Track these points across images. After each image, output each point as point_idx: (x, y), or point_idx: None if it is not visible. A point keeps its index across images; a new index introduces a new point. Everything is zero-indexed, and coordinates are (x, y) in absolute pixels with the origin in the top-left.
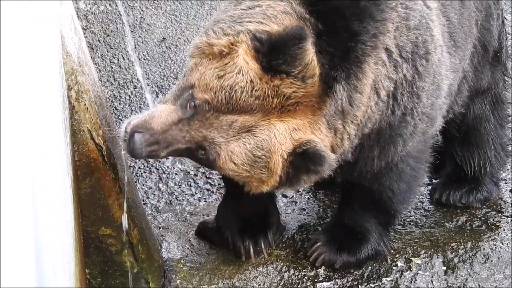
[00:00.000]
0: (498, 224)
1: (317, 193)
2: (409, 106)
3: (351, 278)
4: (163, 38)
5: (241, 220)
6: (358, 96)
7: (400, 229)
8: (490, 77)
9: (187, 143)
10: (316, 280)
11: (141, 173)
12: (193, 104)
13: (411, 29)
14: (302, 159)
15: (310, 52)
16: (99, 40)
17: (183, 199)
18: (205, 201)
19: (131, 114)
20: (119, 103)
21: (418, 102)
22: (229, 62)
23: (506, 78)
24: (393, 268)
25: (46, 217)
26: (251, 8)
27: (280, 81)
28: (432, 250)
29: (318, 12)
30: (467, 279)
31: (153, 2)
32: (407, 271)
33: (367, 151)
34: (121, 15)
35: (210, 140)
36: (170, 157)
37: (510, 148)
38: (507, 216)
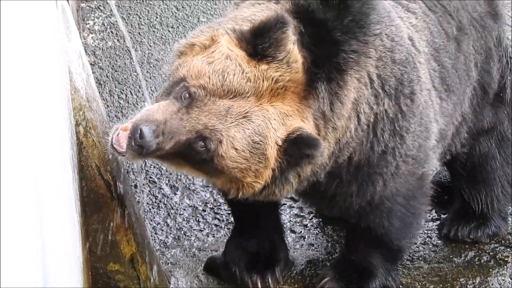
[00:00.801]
0: (506, 259)
1: (325, 228)
2: (390, 145)
3: None
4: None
5: (249, 256)
6: (339, 105)
7: (408, 264)
8: (493, 117)
9: (187, 133)
10: None
11: (149, 209)
12: (187, 94)
13: (396, 63)
14: (296, 145)
15: (291, 39)
16: (107, 76)
17: (191, 235)
18: (214, 236)
19: None
20: None
21: (401, 143)
22: (215, 50)
23: (511, 117)
24: None
25: (55, 254)
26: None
27: (267, 65)
28: (441, 285)
29: (302, 19)
30: None
31: (161, 37)
32: None
33: (345, 187)
34: (129, 50)
35: (211, 127)
36: (178, 192)
37: None
38: None
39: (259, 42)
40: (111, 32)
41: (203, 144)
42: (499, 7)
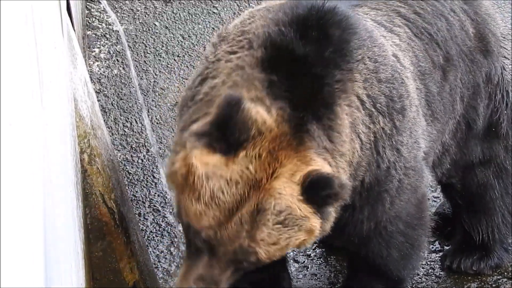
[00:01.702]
0: None
1: (328, 258)
2: (391, 160)
3: None
4: (176, 102)
5: (252, 285)
6: (337, 135)
7: None
8: (487, 151)
9: (227, 273)
10: None
11: (153, 237)
12: (201, 241)
13: (383, 82)
14: (313, 190)
15: (251, 108)
16: (112, 104)
17: None
18: None
19: (143, 177)
20: (132, 167)
21: (399, 156)
22: (194, 179)
23: (509, 148)
24: None
25: (58, 282)
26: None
27: (244, 150)
28: None
29: (275, 64)
30: None
31: (167, 66)
32: None
33: (358, 213)
34: (134, 79)
35: (240, 250)
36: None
37: None
38: None
39: (227, 135)
40: (117, 60)
41: (246, 264)
42: (491, 44)
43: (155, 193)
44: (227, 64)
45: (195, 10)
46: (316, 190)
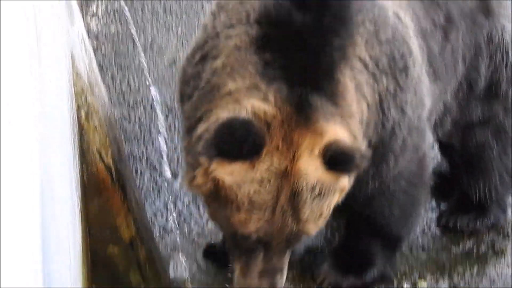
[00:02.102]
0: (504, 250)
1: None
2: (396, 119)
3: None
4: (174, 60)
5: None
6: (342, 99)
7: (406, 252)
8: (486, 111)
9: (285, 257)
10: None
11: (150, 194)
12: (250, 243)
13: (384, 42)
14: (334, 163)
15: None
16: (109, 61)
17: (191, 220)
18: None
19: (140, 135)
20: (129, 124)
21: (403, 116)
22: (225, 192)
23: (508, 109)
24: None
25: (54, 237)
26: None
27: (264, 148)
28: (439, 274)
29: (270, 41)
30: None
31: (164, 24)
32: None
33: (363, 175)
34: (132, 36)
35: (291, 236)
36: (178, 178)
37: None
38: None
39: (243, 147)
40: (114, 17)
41: (299, 243)
42: (492, 4)
43: (152, 150)
44: (226, 43)
45: None
46: (337, 163)
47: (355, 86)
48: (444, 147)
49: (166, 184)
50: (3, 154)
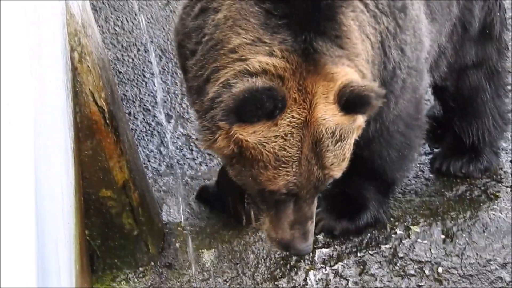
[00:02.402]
0: (497, 194)
1: None
2: (397, 59)
3: (350, 245)
4: (168, 1)
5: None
6: (346, 40)
7: (400, 197)
8: (480, 53)
9: (314, 204)
10: (315, 246)
11: (143, 136)
12: (279, 196)
13: None
14: (351, 107)
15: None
16: (103, 2)
17: (184, 163)
18: (207, 165)
19: (134, 77)
20: (122, 66)
21: (403, 56)
22: (250, 152)
23: (502, 51)
24: (392, 235)
25: (47, 179)
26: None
27: (286, 107)
28: (431, 218)
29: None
30: (465, 248)
31: None
32: (406, 239)
33: None
34: None
35: (318, 183)
36: (172, 121)
37: (509, 117)
38: (507, 186)
39: (266, 112)
40: None
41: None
42: None
43: (146, 93)
44: None
45: None
46: (354, 106)
47: (358, 26)
48: (438, 90)
49: (159, 127)
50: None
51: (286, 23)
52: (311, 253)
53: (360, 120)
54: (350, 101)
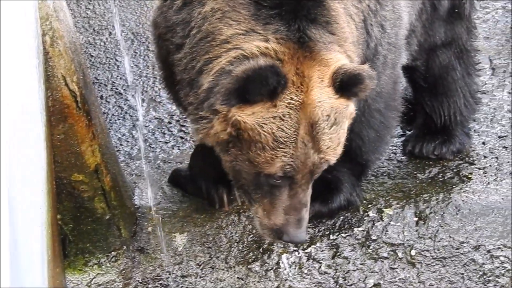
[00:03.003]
0: (470, 176)
1: None
2: (378, 36)
3: (323, 228)
4: None
5: (215, 169)
6: (336, 25)
7: (372, 179)
8: (450, 32)
9: (309, 190)
10: None
11: (115, 120)
12: (275, 180)
13: None
14: (345, 88)
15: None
16: None
17: (156, 147)
18: (179, 149)
19: (105, 60)
20: (94, 50)
21: (383, 33)
22: (248, 133)
23: (471, 30)
24: (365, 218)
25: (17, 163)
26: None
27: (284, 87)
28: (404, 201)
29: None
30: (438, 230)
31: None
32: (378, 221)
33: None
34: None
35: (314, 167)
36: (144, 104)
37: (479, 96)
38: (479, 168)
39: (268, 91)
40: None
41: (319, 174)
42: None
43: (117, 76)
44: None
45: None
46: (348, 87)
47: (343, 8)
48: (409, 70)
49: (131, 111)
50: None
51: (277, 13)
52: None
53: (352, 107)
54: (344, 82)
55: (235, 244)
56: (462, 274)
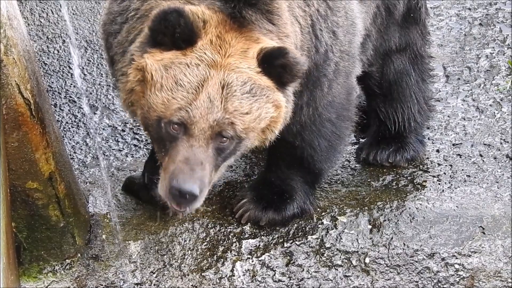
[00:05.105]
0: (424, 184)
1: None
2: (328, 43)
3: (276, 236)
4: None
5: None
6: (277, 17)
7: (326, 187)
8: (404, 37)
9: (209, 151)
10: (241, 237)
11: (69, 128)
12: (173, 128)
13: None
14: (267, 61)
15: (187, 8)
16: None
17: (110, 154)
18: (132, 156)
19: (59, 68)
20: (48, 58)
21: (335, 39)
22: (151, 74)
23: (425, 35)
24: (319, 226)
25: None
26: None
27: (200, 39)
28: (358, 208)
29: None
30: (392, 238)
31: None
32: (332, 229)
33: (297, 99)
34: None
35: (215, 124)
36: (97, 112)
37: (433, 103)
38: (433, 176)
39: (178, 32)
40: None
41: (226, 143)
42: None
43: (71, 84)
44: None
45: None
46: (271, 60)
47: (288, 7)
48: (364, 77)
49: (85, 119)
50: None
51: None
52: (237, 243)
53: (280, 98)
54: (267, 56)
55: (189, 251)
56: (417, 282)
